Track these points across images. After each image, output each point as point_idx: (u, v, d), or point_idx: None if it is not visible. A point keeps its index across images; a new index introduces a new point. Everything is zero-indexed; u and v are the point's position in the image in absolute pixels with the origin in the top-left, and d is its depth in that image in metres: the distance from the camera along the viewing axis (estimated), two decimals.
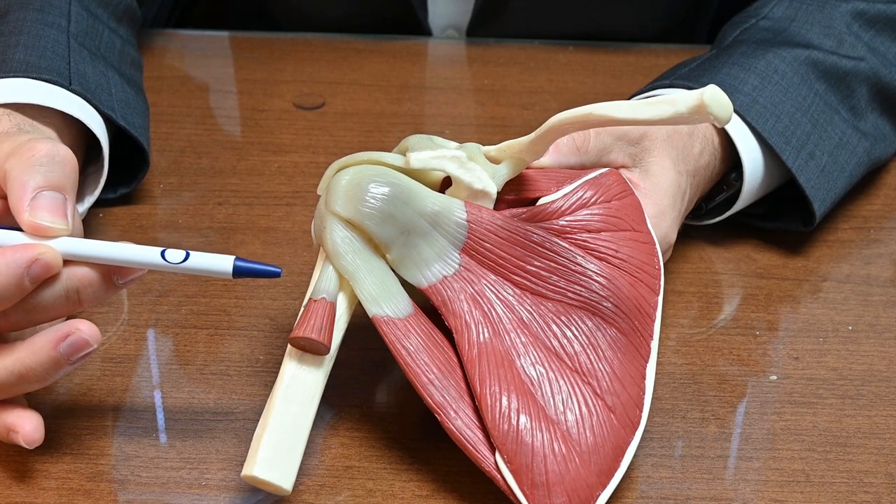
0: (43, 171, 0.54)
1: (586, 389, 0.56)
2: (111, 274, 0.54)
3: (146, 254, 0.53)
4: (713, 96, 0.52)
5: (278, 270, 0.54)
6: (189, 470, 0.57)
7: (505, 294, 0.57)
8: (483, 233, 0.57)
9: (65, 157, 0.55)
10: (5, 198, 0.55)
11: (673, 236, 0.65)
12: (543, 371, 0.56)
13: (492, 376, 0.55)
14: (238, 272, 0.53)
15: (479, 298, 0.57)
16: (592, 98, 0.85)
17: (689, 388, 0.64)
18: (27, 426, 0.54)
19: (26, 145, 0.55)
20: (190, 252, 0.53)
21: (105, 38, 0.79)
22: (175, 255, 0.53)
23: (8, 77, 0.69)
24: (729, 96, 0.53)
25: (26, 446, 0.54)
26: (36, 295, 0.53)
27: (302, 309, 0.56)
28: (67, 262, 0.53)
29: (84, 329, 0.53)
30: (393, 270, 0.57)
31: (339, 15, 1.00)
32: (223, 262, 0.53)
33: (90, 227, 0.74)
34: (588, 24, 0.99)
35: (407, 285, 0.57)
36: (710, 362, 0.65)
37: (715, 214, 0.74)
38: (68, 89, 0.70)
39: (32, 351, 0.53)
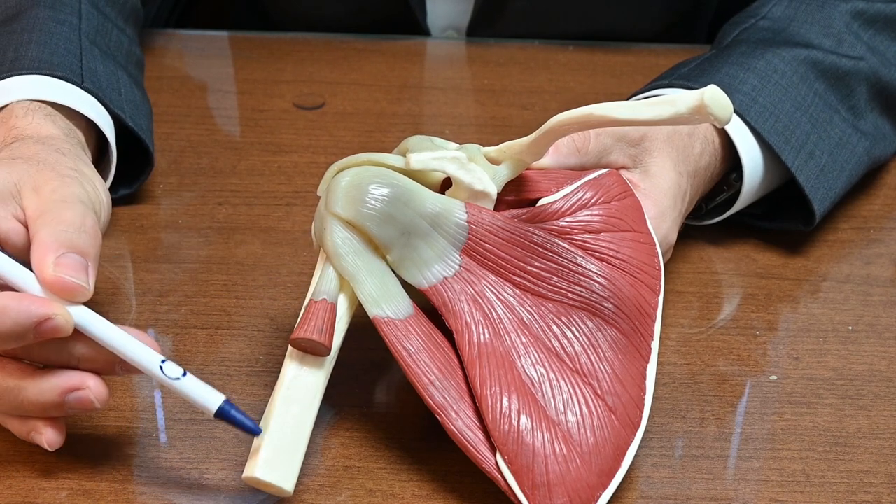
0: (70, 237, 0.54)
1: (587, 390, 0.56)
2: (114, 361, 0.54)
3: (146, 358, 0.53)
4: (713, 96, 0.52)
5: (258, 430, 0.53)
6: (189, 470, 0.57)
7: (505, 295, 0.57)
8: (483, 234, 0.57)
9: (91, 229, 0.55)
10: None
11: (673, 237, 0.65)
12: (544, 372, 0.56)
13: (492, 377, 0.55)
14: (220, 415, 0.53)
15: (479, 299, 0.57)
16: (592, 98, 0.85)
17: (689, 388, 0.64)
18: (49, 429, 0.55)
19: (55, 210, 0.55)
20: (187, 373, 0.53)
21: (114, 36, 0.79)
22: (172, 370, 0.53)
23: (22, 74, 0.69)
24: (729, 96, 0.53)
25: (48, 448, 0.55)
26: (39, 344, 0.53)
27: (302, 310, 0.56)
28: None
29: (92, 387, 0.53)
30: (393, 271, 0.57)
31: (336, 14, 1.00)
32: (211, 399, 0.53)
33: None
34: (588, 24, 0.99)
35: (407, 286, 0.57)
36: (710, 362, 0.66)
37: (715, 214, 0.74)
38: (80, 87, 0.70)
39: (39, 389, 0.53)
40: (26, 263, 0.54)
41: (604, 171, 0.62)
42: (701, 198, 0.72)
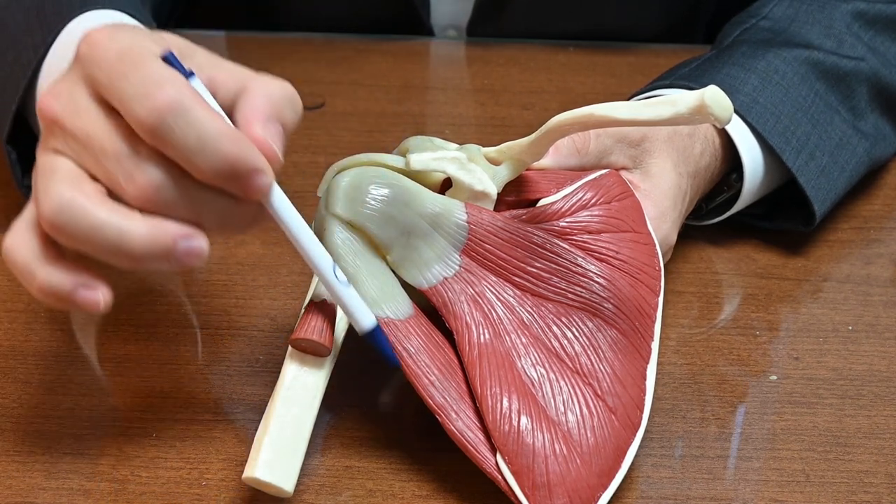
0: (288, 106, 0.51)
1: (587, 390, 0.56)
2: None
3: (323, 256, 0.53)
4: (713, 97, 0.52)
5: (397, 362, 0.55)
6: (189, 470, 0.57)
7: (505, 295, 0.57)
8: (483, 234, 0.57)
9: (297, 101, 0.52)
10: None
11: (673, 238, 0.65)
12: (544, 372, 0.56)
13: (492, 377, 0.55)
14: (370, 337, 0.54)
15: (479, 300, 0.57)
16: (592, 98, 0.85)
17: (689, 388, 0.64)
18: (102, 284, 0.50)
19: (257, 76, 0.53)
20: (351, 284, 0.53)
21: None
22: (342, 275, 0.53)
23: (97, 9, 0.68)
24: (729, 96, 0.53)
25: (96, 307, 0.50)
26: (229, 198, 0.50)
27: (303, 310, 0.56)
28: None
29: (203, 241, 0.49)
30: (393, 272, 0.57)
31: (339, 14, 1.00)
32: (366, 318, 0.54)
33: None
34: (588, 22, 0.99)
35: (407, 286, 0.57)
36: (710, 362, 0.66)
37: (715, 215, 0.74)
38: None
39: (151, 231, 0.48)
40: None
41: (604, 171, 0.62)
42: (701, 198, 0.72)
